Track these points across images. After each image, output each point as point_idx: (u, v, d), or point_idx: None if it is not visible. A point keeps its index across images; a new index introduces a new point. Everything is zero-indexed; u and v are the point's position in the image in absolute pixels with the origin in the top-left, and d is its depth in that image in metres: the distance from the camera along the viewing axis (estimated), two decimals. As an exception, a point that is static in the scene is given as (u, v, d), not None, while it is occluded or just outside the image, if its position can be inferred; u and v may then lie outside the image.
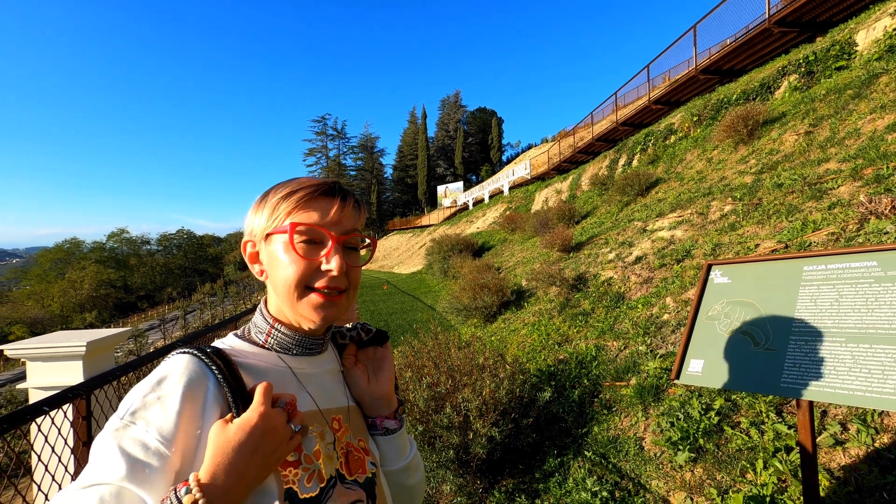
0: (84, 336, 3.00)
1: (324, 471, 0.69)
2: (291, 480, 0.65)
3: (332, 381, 0.82)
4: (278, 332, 0.76)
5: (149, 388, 0.62)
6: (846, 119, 5.55)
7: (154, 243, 71.43)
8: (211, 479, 0.55)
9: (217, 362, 0.65)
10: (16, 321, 43.30)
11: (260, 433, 0.59)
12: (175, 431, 0.59)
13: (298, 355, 0.78)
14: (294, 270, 0.70)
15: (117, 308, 56.96)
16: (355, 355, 0.88)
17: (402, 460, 0.86)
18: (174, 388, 0.61)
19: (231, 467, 0.56)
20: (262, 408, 0.60)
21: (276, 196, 0.73)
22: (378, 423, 0.85)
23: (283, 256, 0.71)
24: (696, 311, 1.69)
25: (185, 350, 0.67)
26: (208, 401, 0.63)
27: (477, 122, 76.93)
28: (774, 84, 8.84)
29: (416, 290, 15.39)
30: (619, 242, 6.80)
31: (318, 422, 0.74)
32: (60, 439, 1.93)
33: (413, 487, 0.87)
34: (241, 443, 0.58)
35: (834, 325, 1.29)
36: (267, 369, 0.73)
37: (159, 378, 0.63)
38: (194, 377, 0.63)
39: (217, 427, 0.60)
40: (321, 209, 0.72)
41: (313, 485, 0.67)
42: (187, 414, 0.60)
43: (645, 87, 16.24)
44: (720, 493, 2.27)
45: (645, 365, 3.58)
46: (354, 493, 0.73)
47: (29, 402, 2.04)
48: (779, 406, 2.56)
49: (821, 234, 3.60)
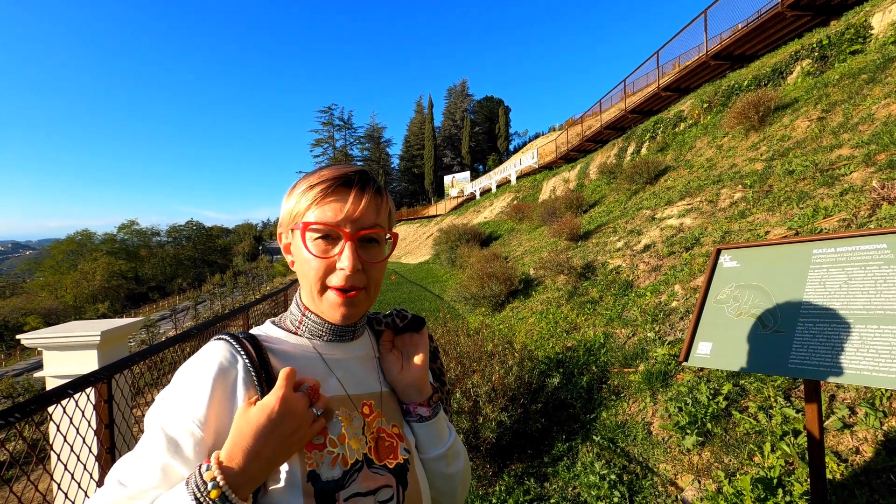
0: (98, 326, 3.06)
1: (348, 455, 0.71)
2: (315, 462, 0.67)
3: (364, 367, 0.82)
4: (309, 319, 0.78)
5: (185, 374, 0.67)
6: (860, 104, 5.47)
7: (164, 235, 72.12)
8: (229, 459, 0.59)
9: (247, 348, 0.69)
10: (30, 312, 44.06)
11: (278, 416, 0.61)
12: (207, 412, 0.63)
13: (329, 342, 0.79)
14: (311, 268, 0.72)
15: (129, 299, 57.75)
16: (392, 341, 0.88)
17: (440, 448, 0.84)
18: (206, 373, 0.66)
19: (249, 447, 0.59)
20: (281, 391, 0.62)
21: (300, 189, 0.74)
22: (412, 409, 0.83)
23: (303, 252, 0.73)
24: (705, 295, 1.70)
25: (220, 336, 0.71)
26: (238, 383, 0.67)
27: (484, 111, 76.35)
28: (787, 69, 8.70)
29: (423, 280, 15.45)
30: (627, 231, 6.78)
31: (345, 406, 0.75)
32: (84, 422, 2.00)
33: (453, 476, 0.85)
34: (259, 424, 0.60)
35: (842, 307, 1.30)
36: (297, 355, 0.76)
37: (194, 364, 0.68)
38: (224, 363, 0.67)
39: (240, 409, 0.63)
40: (338, 204, 0.71)
41: (336, 468, 0.68)
42: (217, 397, 0.65)
43: (654, 74, 16.02)
44: (727, 476, 2.30)
45: (653, 351, 3.60)
46: (382, 478, 0.73)
47: (46, 390, 2.10)
48: (787, 391, 2.57)
49: (832, 221, 3.58)
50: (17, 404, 1.52)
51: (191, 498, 0.56)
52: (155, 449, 0.62)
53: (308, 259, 0.72)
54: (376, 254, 0.76)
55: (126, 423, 2.43)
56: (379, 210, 0.75)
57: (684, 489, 2.43)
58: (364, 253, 0.73)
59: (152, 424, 0.64)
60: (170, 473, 0.61)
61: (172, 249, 71.14)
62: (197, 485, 0.57)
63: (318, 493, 0.65)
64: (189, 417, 0.63)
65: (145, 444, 0.63)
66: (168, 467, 0.61)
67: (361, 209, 0.72)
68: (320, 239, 0.72)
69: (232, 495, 0.57)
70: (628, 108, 16.59)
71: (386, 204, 0.78)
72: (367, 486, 0.70)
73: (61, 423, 1.87)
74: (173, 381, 0.68)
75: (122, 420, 2.37)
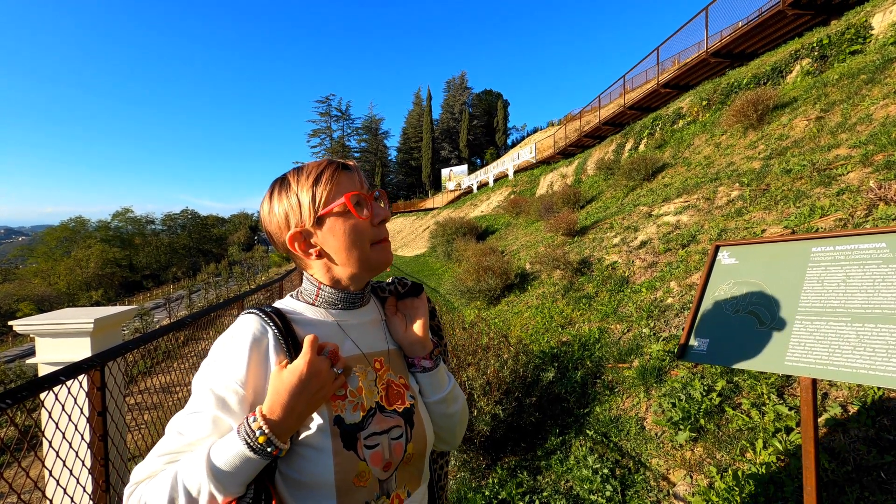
0: (92, 313, 3.03)
1: (365, 402, 0.84)
2: (340, 409, 0.81)
3: (373, 329, 0.95)
4: (325, 291, 0.90)
5: (225, 343, 0.80)
6: (858, 104, 5.48)
7: (159, 223, 71.67)
8: (270, 412, 0.71)
9: (275, 320, 0.82)
10: (23, 298, 43.75)
11: (307, 376, 0.73)
12: (246, 374, 0.77)
13: (343, 309, 0.91)
14: (359, 232, 0.85)
15: (123, 287, 57.44)
16: (395, 306, 1.01)
17: (440, 393, 0.97)
18: (243, 341, 0.79)
19: (285, 403, 0.72)
20: (307, 356, 0.74)
21: (306, 184, 0.84)
22: (416, 362, 0.96)
23: (346, 226, 0.84)
24: (702, 292, 1.70)
25: (250, 311, 0.84)
26: (270, 350, 0.79)
27: (482, 105, 76.05)
28: (786, 68, 8.70)
29: (419, 273, 15.45)
30: (624, 227, 6.79)
31: (361, 363, 0.88)
32: (76, 409, 1.98)
33: (453, 415, 1.00)
34: (292, 384, 0.72)
35: (840, 306, 1.30)
36: (316, 322, 0.88)
37: (231, 335, 0.81)
38: (257, 332, 0.80)
39: (275, 371, 0.75)
40: (349, 180, 0.86)
41: (356, 413, 0.82)
42: (254, 361, 0.78)
43: (654, 71, 16.00)
44: (720, 472, 2.31)
45: (648, 347, 3.62)
46: (393, 420, 0.86)
47: (39, 376, 2.08)
48: (780, 388, 2.59)
49: (828, 220, 3.59)
50: (9, 390, 1.50)
51: (242, 442, 0.69)
52: (206, 405, 0.74)
53: (357, 224, 0.85)
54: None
55: (119, 410, 2.42)
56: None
57: (676, 484, 2.45)
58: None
59: (201, 386, 0.77)
60: (220, 425, 0.74)
61: (167, 238, 70.74)
62: (247, 432, 0.69)
63: (343, 433, 0.79)
64: (232, 379, 0.76)
65: (197, 402, 0.76)
66: (218, 419, 0.74)
67: (363, 179, 0.90)
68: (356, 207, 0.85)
69: (275, 439, 0.70)
70: (627, 105, 16.57)
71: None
72: (382, 427, 0.84)
73: (53, 410, 1.85)
74: (213, 350, 0.80)
75: (115, 408, 2.36)
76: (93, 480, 2.10)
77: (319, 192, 0.83)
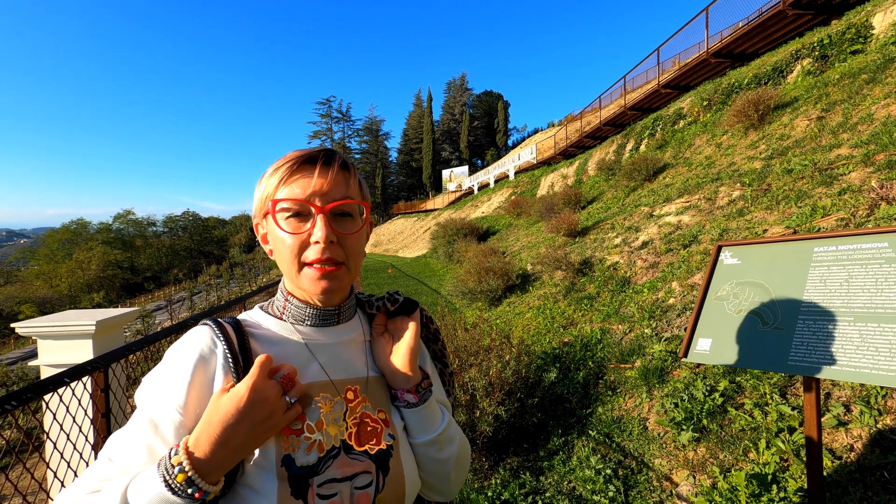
0: (94, 315, 3.05)
1: (325, 441, 0.70)
2: (291, 447, 0.67)
3: (350, 352, 0.81)
4: (291, 304, 0.78)
5: (169, 359, 0.70)
6: (859, 104, 5.48)
7: (160, 225, 71.73)
8: (195, 445, 0.60)
9: (227, 334, 0.70)
10: (25, 300, 43.78)
11: (248, 404, 0.61)
12: (186, 398, 0.66)
13: (313, 326, 0.78)
14: (285, 247, 0.72)
15: (124, 289, 57.50)
16: (384, 325, 0.86)
17: (429, 434, 0.82)
18: (187, 359, 0.68)
19: (216, 435, 0.60)
20: (251, 380, 0.62)
21: (266, 174, 0.75)
22: (399, 395, 0.81)
23: (277, 234, 0.73)
24: (705, 292, 1.70)
25: (204, 322, 0.73)
26: (217, 369, 0.68)
27: (483, 106, 76.08)
28: (787, 68, 8.70)
29: (420, 274, 15.45)
30: (625, 227, 6.79)
31: (327, 391, 0.74)
32: (80, 410, 1.99)
33: (445, 460, 0.83)
34: (228, 412, 0.60)
35: (843, 305, 1.30)
36: (280, 340, 0.76)
37: (178, 349, 0.70)
38: (205, 349, 0.69)
39: (214, 396, 0.64)
40: (304, 180, 0.72)
41: (312, 454, 0.68)
42: (197, 382, 0.67)
43: (654, 71, 16.00)
44: (722, 472, 2.31)
45: (650, 348, 3.62)
46: (361, 465, 0.72)
47: (41, 378, 2.09)
48: (783, 388, 2.59)
49: (830, 220, 3.59)
50: (14, 392, 1.51)
51: (160, 480, 0.58)
52: (140, 429, 0.65)
53: (282, 237, 0.72)
54: (350, 225, 0.75)
55: (122, 411, 2.42)
56: (348, 183, 0.75)
57: (679, 484, 2.45)
58: (338, 226, 0.73)
59: (139, 405, 0.68)
60: (153, 452, 0.64)
61: (168, 240, 70.82)
62: (166, 468, 0.58)
63: (291, 477, 0.66)
64: (170, 402, 0.65)
65: (133, 424, 0.66)
66: (151, 447, 0.64)
67: (329, 182, 0.72)
68: (292, 217, 0.72)
69: (198, 479, 0.58)
70: (628, 105, 16.56)
71: (354, 177, 0.77)
72: (343, 473, 0.70)
73: (58, 412, 1.86)
74: (160, 364, 0.70)
75: (119, 409, 2.36)
76: (97, 482, 2.10)
77: (271, 185, 0.73)
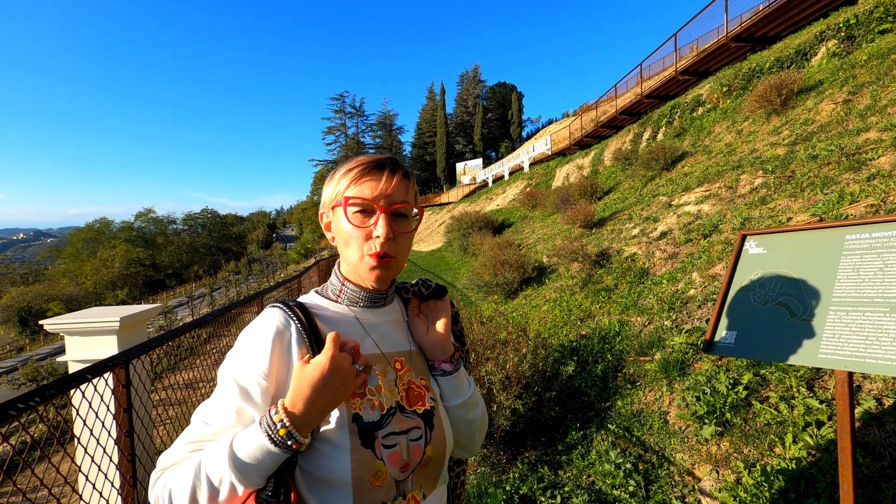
0: (118, 312, 3.10)
1: (384, 402, 0.84)
2: (358, 407, 0.81)
3: (395, 329, 0.95)
4: (347, 288, 0.92)
5: (249, 335, 0.81)
6: (889, 86, 5.27)
7: (180, 223, 73.08)
8: (292, 405, 0.72)
9: (298, 314, 0.83)
10: (52, 298, 45.07)
11: (329, 371, 0.73)
12: (269, 366, 0.78)
13: (365, 307, 0.92)
14: (351, 237, 0.85)
15: (147, 286, 58.81)
16: (418, 307, 1.01)
17: (461, 398, 0.96)
18: (266, 334, 0.80)
19: (307, 397, 0.72)
20: (330, 352, 0.74)
21: (340, 172, 0.88)
22: (437, 365, 0.96)
23: (344, 225, 0.85)
24: (728, 283, 1.64)
25: (275, 304, 0.85)
26: (292, 343, 0.81)
27: (496, 98, 75.44)
28: (811, 50, 8.41)
29: (436, 268, 15.45)
30: (643, 218, 6.67)
31: (380, 363, 0.88)
32: (103, 406, 2.02)
33: (472, 421, 0.99)
34: (314, 378, 0.73)
35: (878, 295, 1.24)
36: (338, 319, 0.89)
37: (256, 327, 0.82)
38: (280, 326, 0.81)
39: (297, 366, 0.75)
40: (373, 182, 0.84)
41: (375, 412, 0.82)
42: (276, 353, 0.79)
43: (671, 58, 15.64)
44: (747, 467, 2.26)
45: (670, 340, 3.55)
46: (413, 421, 0.86)
47: (67, 374, 2.13)
48: (810, 381, 2.51)
49: (859, 207, 3.46)
50: (38, 388, 1.53)
51: (264, 435, 0.70)
52: (230, 395, 0.77)
53: (349, 229, 0.85)
54: (405, 226, 0.88)
55: (144, 407, 2.46)
56: (407, 189, 0.88)
57: (702, 479, 2.39)
58: (395, 225, 0.86)
59: (226, 376, 0.79)
60: (243, 415, 0.76)
61: (188, 237, 72.12)
62: (269, 424, 0.70)
63: (360, 431, 0.79)
64: (256, 370, 0.77)
65: (222, 392, 0.78)
66: (241, 410, 0.76)
67: (393, 187, 0.85)
68: (359, 213, 0.84)
69: (296, 433, 0.71)
70: (644, 93, 16.24)
71: (412, 185, 0.90)
72: (401, 427, 0.84)
73: (81, 408, 1.89)
74: (238, 342, 0.82)
75: (141, 404, 2.40)
76: (120, 475, 2.14)
77: (342, 184, 0.86)
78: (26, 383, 15.76)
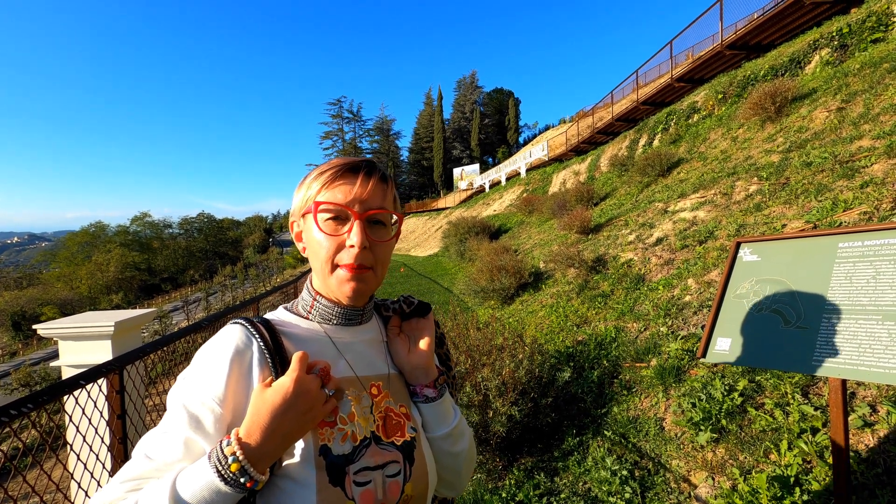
0: (112, 316, 3.09)
1: (357, 432, 0.74)
2: (327, 438, 0.71)
3: (372, 350, 0.86)
4: (319, 304, 0.82)
5: (204, 355, 0.72)
6: (881, 94, 5.32)
7: (176, 227, 72.73)
8: (248, 435, 0.62)
9: (261, 331, 0.74)
10: (46, 302, 44.70)
11: (293, 396, 0.64)
12: (225, 391, 0.68)
13: (339, 325, 0.83)
14: (321, 247, 0.76)
15: (142, 290, 58.45)
16: (399, 326, 0.91)
17: (445, 427, 0.87)
18: (223, 354, 0.70)
19: (266, 425, 0.63)
20: (295, 373, 0.65)
21: (311, 176, 0.79)
22: (419, 390, 0.86)
23: (314, 234, 0.77)
24: (723, 290, 1.66)
25: (236, 321, 0.76)
26: (253, 365, 0.71)
27: (493, 104, 75.82)
28: (805, 59, 8.50)
29: (432, 273, 15.45)
30: (639, 224, 6.69)
31: (354, 387, 0.79)
32: (96, 412, 2.01)
33: (458, 454, 0.89)
34: (275, 403, 0.63)
35: (870, 303, 1.25)
36: (308, 338, 0.79)
37: (212, 346, 0.72)
38: (240, 345, 0.71)
39: (257, 389, 0.66)
40: (346, 186, 0.76)
41: (346, 444, 0.72)
42: (235, 376, 0.69)
43: (667, 65, 15.76)
44: (743, 473, 2.26)
45: (666, 346, 3.55)
46: (390, 454, 0.76)
47: (60, 380, 2.11)
48: (805, 387, 2.52)
49: (852, 214, 3.49)
50: (30, 395, 1.52)
51: (213, 470, 0.60)
52: (178, 425, 0.66)
53: (319, 238, 0.76)
54: (383, 234, 0.80)
55: (138, 413, 2.44)
56: (385, 194, 0.80)
57: (698, 486, 2.39)
58: (371, 233, 0.77)
59: (175, 402, 0.68)
60: (192, 447, 0.65)
61: (184, 241, 71.79)
62: (218, 458, 0.60)
63: (329, 465, 0.69)
64: (209, 395, 0.67)
65: (169, 421, 0.67)
66: (190, 441, 0.65)
67: (368, 192, 0.76)
68: (331, 220, 0.76)
69: (250, 468, 0.61)
70: (640, 100, 16.35)
71: (391, 189, 0.82)
72: (376, 461, 0.74)
73: (74, 414, 1.88)
74: (193, 361, 0.72)
75: (134, 410, 2.38)
76: (113, 483, 2.12)
77: (313, 189, 0.77)
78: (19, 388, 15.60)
